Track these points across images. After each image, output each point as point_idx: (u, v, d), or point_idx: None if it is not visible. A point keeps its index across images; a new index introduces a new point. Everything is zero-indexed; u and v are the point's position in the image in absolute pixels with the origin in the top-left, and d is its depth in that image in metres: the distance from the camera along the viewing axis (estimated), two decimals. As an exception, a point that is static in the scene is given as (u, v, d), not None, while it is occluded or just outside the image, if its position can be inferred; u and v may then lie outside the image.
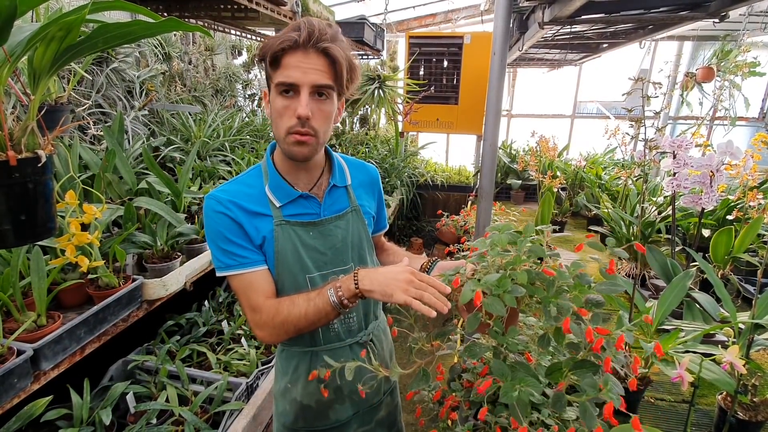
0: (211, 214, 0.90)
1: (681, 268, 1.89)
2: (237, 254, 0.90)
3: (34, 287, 1.09)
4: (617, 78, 6.06)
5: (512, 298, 0.68)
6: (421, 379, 0.79)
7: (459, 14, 5.71)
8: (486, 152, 1.84)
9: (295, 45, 0.81)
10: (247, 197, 0.92)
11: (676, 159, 1.76)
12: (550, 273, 0.70)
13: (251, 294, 0.90)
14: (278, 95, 0.84)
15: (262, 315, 0.88)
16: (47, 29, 0.63)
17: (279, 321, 0.86)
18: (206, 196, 0.91)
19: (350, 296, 0.82)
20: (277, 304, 0.88)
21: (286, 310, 0.85)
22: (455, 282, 0.77)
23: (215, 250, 0.91)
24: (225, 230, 0.89)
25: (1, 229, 0.66)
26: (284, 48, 0.81)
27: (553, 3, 2.04)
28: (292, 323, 0.85)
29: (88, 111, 1.96)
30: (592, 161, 4.57)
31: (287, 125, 0.85)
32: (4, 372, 0.93)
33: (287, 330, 0.86)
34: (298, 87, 0.83)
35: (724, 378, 1.20)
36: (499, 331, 0.73)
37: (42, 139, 0.70)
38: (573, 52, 4.17)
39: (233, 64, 3.68)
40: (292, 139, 0.86)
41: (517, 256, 0.74)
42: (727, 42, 4.22)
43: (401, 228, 4.69)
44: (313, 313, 0.84)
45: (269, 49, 0.82)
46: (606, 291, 0.70)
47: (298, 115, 0.83)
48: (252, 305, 0.90)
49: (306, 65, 0.82)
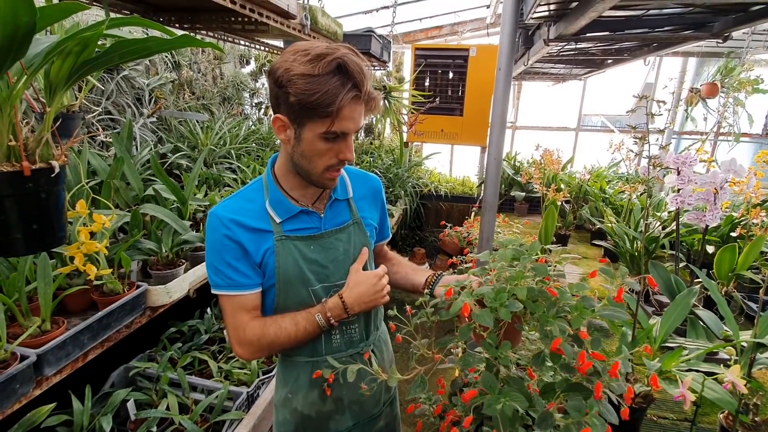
0: (212, 233, 0.91)
1: (685, 284, 1.88)
2: (230, 277, 0.91)
3: (40, 292, 1.10)
4: (622, 92, 6.09)
5: (508, 312, 0.69)
6: (418, 385, 0.80)
7: (465, 27, 5.77)
8: (490, 165, 1.85)
9: (358, 99, 0.82)
10: (249, 213, 0.93)
11: (680, 175, 1.76)
12: (553, 293, 0.70)
13: (237, 314, 0.93)
14: (320, 139, 0.83)
15: (246, 334, 0.91)
16: (65, 44, 0.65)
17: (265, 343, 0.91)
18: (209, 213, 0.92)
19: (339, 319, 0.92)
20: (262, 326, 0.91)
21: (273, 334, 0.91)
22: (448, 293, 0.79)
23: (210, 267, 0.92)
24: (223, 252, 0.90)
25: (13, 238, 0.67)
26: (349, 103, 0.80)
27: (558, 20, 2.07)
28: (279, 345, 0.92)
29: (98, 118, 1.99)
30: (597, 175, 4.57)
31: (328, 164, 0.88)
32: (7, 377, 0.93)
33: (271, 350, 0.94)
34: (347, 135, 0.85)
35: (726, 397, 1.19)
36: (492, 344, 0.74)
37: (56, 149, 0.72)
38: (578, 67, 4.20)
39: (241, 72, 3.73)
40: (330, 176, 0.90)
41: (519, 271, 0.75)
42: (731, 59, 4.24)
43: (404, 238, 4.70)
44: (302, 335, 0.92)
45: (328, 99, 0.77)
46: (610, 317, 0.70)
47: (345, 158, 0.87)
48: (236, 324, 0.92)
49: (357, 116, 0.84)
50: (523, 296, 0.70)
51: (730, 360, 1.56)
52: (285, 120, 0.84)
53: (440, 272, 1.08)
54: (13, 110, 0.65)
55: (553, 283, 0.76)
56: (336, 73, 0.78)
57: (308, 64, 0.78)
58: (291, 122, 0.84)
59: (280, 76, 0.79)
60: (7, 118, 0.65)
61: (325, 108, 0.78)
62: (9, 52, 0.59)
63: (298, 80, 0.78)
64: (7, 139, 0.65)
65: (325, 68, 0.78)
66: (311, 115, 0.80)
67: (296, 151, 0.87)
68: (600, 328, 0.71)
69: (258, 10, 1.67)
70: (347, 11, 4.64)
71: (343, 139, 0.85)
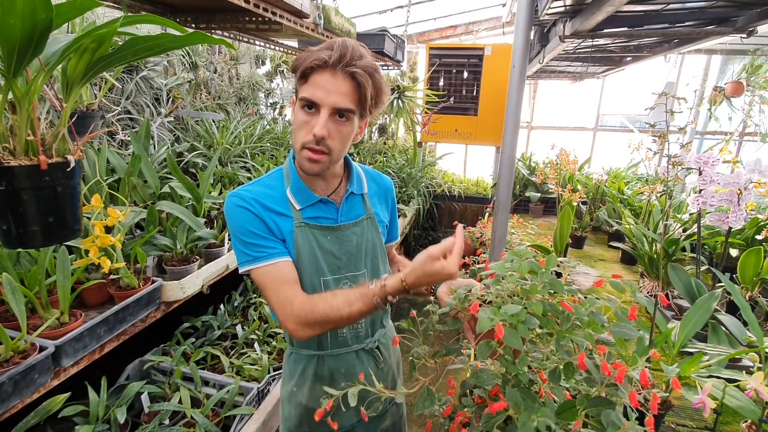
0: (234, 209, 0.91)
1: (706, 288, 1.82)
2: (262, 245, 0.90)
3: (59, 285, 1.13)
4: (642, 91, 5.93)
5: (525, 328, 0.67)
6: (426, 398, 0.76)
7: (480, 26, 5.73)
8: (504, 164, 1.83)
9: (324, 65, 0.83)
10: (269, 198, 0.94)
11: (702, 175, 1.71)
12: (568, 308, 0.68)
13: (280, 287, 0.88)
14: (301, 109, 0.87)
15: (294, 309, 0.85)
16: (81, 41, 0.66)
17: (316, 319, 0.84)
18: (228, 195, 0.93)
19: (397, 294, 0.85)
20: (311, 303, 0.85)
21: (323, 311, 0.84)
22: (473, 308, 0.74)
23: (239, 244, 0.91)
24: (248, 224, 0.90)
25: (30, 230, 0.69)
26: (314, 66, 0.83)
27: (574, 16, 2.03)
28: (330, 323, 0.85)
29: (117, 117, 2.04)
30: (615, 175, 4.47)
31: (303, 140, 0.87)
32: (26, 367, 0.96)
33: (323, 328, 0.86)
34: (319, 106, 0.85)
35: (749, 405, 1.15)
36: (510, 359, 0.72)
37: (72, 144, 0.74)
38: (595, 65, 4.12)
39: (256, 73, 3.78)
40: (305, 155, 0.88)
41: (534, 285, 0.72)
42: (757, 56, 4.09)
43: (417, 238, 4.68)
44: (356, 315, 0.84)
45: (301, 63, 0.85)
46: (619, 334, 0.68)
47: (313, 133, 0.85)
48: (282, 299, 0.87)
49: (331, 87, 0.84)
50: (539, 311, 0.68)
51: (753, 367, 1.51)
52: (294, 99, 0.91)
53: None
54: (31, 106, 0.67)
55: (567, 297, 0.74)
56: (329, 48, 0.84)
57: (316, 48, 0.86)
58: (295, 100, 0.91)
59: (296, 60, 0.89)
60: (25, 114, 0.66)
61: (305, 71, 0.85)
62: (28, 47, 0.61)
63: (302, 54, 0.87)
64: (25, 133, 0.67)
65: (325, 45, 0.85)
66: (300, 82, 0.87)
67: (292, 130, 0.93)
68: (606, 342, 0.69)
69: (272, 9, 1.68)
70: (361, 11, 4.65)
71: (318, 112, 0.86)
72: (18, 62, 0.62)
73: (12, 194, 0.66)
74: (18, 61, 0.62)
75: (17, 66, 0.63)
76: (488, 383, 0.77)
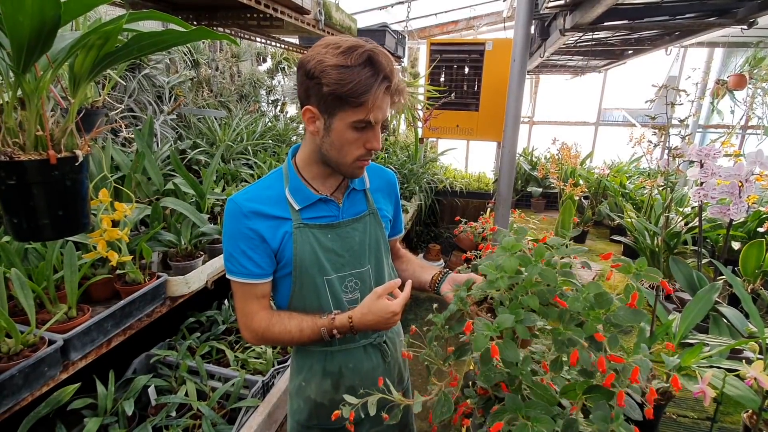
0: (231, 221, 0.93)
1: (708, 280, 1.82)
2: (244, 266, 0.93)
3: (66, 280, 1.15)
4: (644, 85, 5.90)
5: (524, 329, 0.67)
6: (443, 404, 0.76)
7: (481, 21, 5.71)
8: (504, 159, 1.84)
9: (387, 90, 0.84)
10: (268, 200, 0.95)
11: (703, 168, 1.71)
12: (562, 304, 0.69)
13: (247, 301, 0.97)
14: (350, 128, 0.86)
15: (252, 323, 0.96)
16: (87, 38, 0.67)
17: (268, 337, 0.96)
18: (229, 199, 0.94)
19: (344, 334, 0.94)
20: (268, 322, 0.95)
21: (277, 332, 0.95)
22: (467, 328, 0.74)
23: (226, 253, 0.95)
24: (240, 240, 0.92)
25: (41, 223, 0.70)
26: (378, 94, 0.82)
27: (574, 9, 2.03)
28: (281, 342, 0.99)
29: (121, 115, 2.06)
30: (617, 170, 4.46)
31: (357, 154, 0.90)
32: (36, 360, 0.98)
33: (275, 344, 1.04)
34: (373, 124, 0.87)
35: (749, 395, 1.16)
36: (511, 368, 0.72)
37: (80, 140, 0.75)
38: (596, 58, 4.10)
39: (258, 70, 3.79)
40: (359, 165, 0.92)
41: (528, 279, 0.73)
42: (760, 49, 4.07)
43: (419, 234, 4.69)
44: (305, 341, 0.96)
45: (355, 89, 0.80)
46: (625, 320, 0.68)
47: (372, 148, 0.89)
48: (246, 311, 0.97)
49: (384, 105, 0.86)
50: (535, 305, 0.69)
51: (753, 357, 1.51)
52: (315, 111, 0.86)
53: (446, 270, 1.11)
54: (40, 101, 0.68)
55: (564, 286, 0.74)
56: (367, 64, 0.81)
57: (341, 55, 0.80)
58: (321, 113, 0.86)
59: (312, 67, 0.82)
60: (34, 109, 0.68)
61: (358, 97, 0.81)
62: (36, 44, 0.62)
63: (331, 71, 0.80)
64: (34, 129, 0.68)
65: (357, 59, 0.80)
66: (342, 105, 0.83)
67: (325, 142, 0.89)
68: (616, 324, 0.69)
69: (273, 6, 1.69)
70: (362, 7, 4.65)
71: (371, 129, 0.87)
72: (27, 59, 0.63)
73: (22, 188, 0.67)
74: (27, 57, 0.63)
75: (26, 62, 0.64)
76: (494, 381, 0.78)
